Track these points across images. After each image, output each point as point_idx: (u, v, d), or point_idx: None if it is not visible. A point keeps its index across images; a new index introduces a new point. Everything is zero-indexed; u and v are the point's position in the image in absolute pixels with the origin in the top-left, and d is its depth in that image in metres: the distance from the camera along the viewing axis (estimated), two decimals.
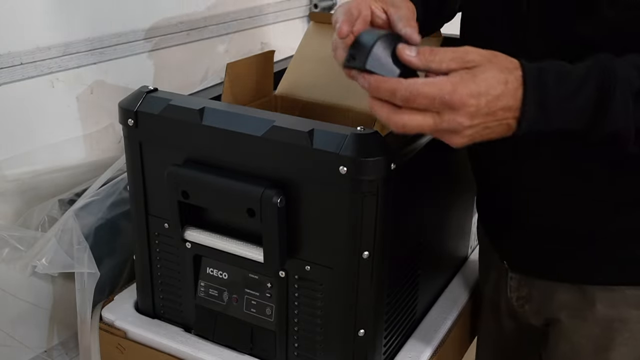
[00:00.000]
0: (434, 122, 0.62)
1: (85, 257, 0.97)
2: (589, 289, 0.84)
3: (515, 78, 0.62)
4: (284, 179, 0.79)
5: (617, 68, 0.62)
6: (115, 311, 0.99)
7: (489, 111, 0.61)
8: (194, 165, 0.84)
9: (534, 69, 0.63)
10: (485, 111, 0.61)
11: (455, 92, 0.60)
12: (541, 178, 0.82)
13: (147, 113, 0.86)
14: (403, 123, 0.62)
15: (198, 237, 0.88)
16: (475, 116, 0.61)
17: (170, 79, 1.26)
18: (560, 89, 0.62)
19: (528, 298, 0.92)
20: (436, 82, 0.61)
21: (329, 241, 0.80)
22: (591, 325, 0.84)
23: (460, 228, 1.12)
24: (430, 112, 0.61)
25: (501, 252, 0.94)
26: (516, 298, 0.94)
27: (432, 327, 0.99)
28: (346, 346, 0.84)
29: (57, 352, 1.11)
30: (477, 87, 0.60)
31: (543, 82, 0.62)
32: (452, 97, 0.60)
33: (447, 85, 0.60)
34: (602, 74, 0.62)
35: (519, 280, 0.93)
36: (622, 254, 0.81)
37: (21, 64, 1.00)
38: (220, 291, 0.91)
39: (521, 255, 0.91)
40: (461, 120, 0.61)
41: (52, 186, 1.07)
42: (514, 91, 0.62)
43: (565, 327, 0.87)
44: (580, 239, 0.82)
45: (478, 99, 0.60)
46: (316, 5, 1.61)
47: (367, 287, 0.80)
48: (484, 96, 0.61)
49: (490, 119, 0.62)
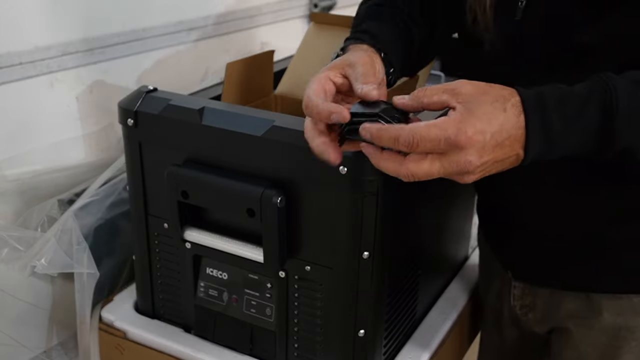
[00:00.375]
0: (442, 165, 0.60)
1: (85, 257, 0.97)
2: (595, 297, 0.83)
3: (513, 105, 0.60)
4: (284, 179, 0.79)
5: (618, 86, 0.61)
6: (114, 311, 0.99)
7: (496, 144, 0.59)
8: (193, 165, 0.84)
9: (531, 94, 0.61)
10: (492, 144, 0.59)
11: (459, 130, 0.58)
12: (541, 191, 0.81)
13: (146, 113, 0.86)
14: (411, 172, 0.61)
15: (198, 237, 0.88)
16: (483, 152, 0.59)
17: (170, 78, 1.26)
18: (562, 112, 0.61)
19: (532, 306, 0.92)
20: (438, 123, 0.59)
21: (329, 241, 0.80)
22: (598, 334, 0.84)
23: (460, 229, 1.12)
24: (437, 156, 0.60)
25: (504, 262, 0.93)
26: (520, 306, 0.94)
27: (432, 327, 0.99)
28: (346, 346, 0.84)
29: (57, 353, 1.11)
30: (479, 121, 0.59)
31: (543, 106, 0.61)
32: (457, 136, 0.58)
33: (449, 125, 0.58)
34: (603, 93, 0.61)
35: (522, 289, 0.92)
36: (628, 262, 0.81)
37: (20, 64, 1.00)
38: (220, 291, 0.91)
39: (525, 264, 0.90)
40: (470, 159, 0.59)
41: (51, 186, 1.06)
42: (516, 118, 0.60)
43: (571, 336, 0.87)
44: (585, 248, 0.82)
45: (483, 134, 0.59)
46: (316, 4, 1.61)
47: (367, 287, 0.80)
48: (488, 129, 0.59)
49: (499, 153, 0.60)
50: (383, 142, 0.61)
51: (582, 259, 0.83)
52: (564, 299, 0.86)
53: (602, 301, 0.83)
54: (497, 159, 0.60)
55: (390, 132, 0.60)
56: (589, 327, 0.85)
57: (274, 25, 1.51)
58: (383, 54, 0.77)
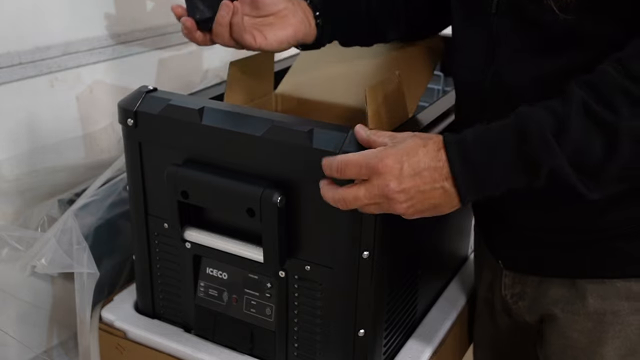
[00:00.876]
0: (366, 189, 0.67)
1: (85, 257, 0.97)
2: (581, 282, 0.85)
3: (435, 142, 0.67)
4: (284, 179, 0.79)
5: (531, 115, 0.65)
6: (114, 311, 0.99)
7: (414, 173, 0.66)
8: (193, 165, 0.84)
9: (453, 134, 0.68)
10: (409, 173, 0.66)
11: (377, 157, 0.67)
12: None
13: (146, 113, 0.86)
14: (342, 197, 0.69)
15: (198, 237, 0.88)
16: (401, 179, 0.66)
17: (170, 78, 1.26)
18: (480, 142, 0.66)
19: (521, 295, 0.93)
20: (363, 152, 0.68)
21: (329, 241, 0.80)
22: (584, 319, 0.85)
23: (460, 228, 1.12)
24: (362, 182, 0.68)
25: (494, 251, 0.94)
26: (510, 295, 0.95)
27: (432, 327, 0.99)
28: (346, 346, 0.84)
29: (57, 353, 1.11)
30: (397, 151, 0.67)
31: (462, 139, 0.67)
32: (376, 162, 0.66)
33: (371, 153, 0.68)
34: (517, 119, 0.65)
35: (512, 278, 0.93)
36: (612, 249, 0.82)
37: (20, 64, 1.00)
38: (220, 291, 0.91)
39: (513, 253, 0.91)
40: (388, 184, 0.66)
41: (51, 186, 1.06)
42: (435, 152, 0.67)
43: (558, 322, 0.88)
44: (569, 234, 0.83)
45: (400, 162, 0.66)
46: None
47: (367, 287, 0.80)
48: (405, 159, 0.66)
49: (419, 182, 0.66)
50: (325, 171, 0.70)
51: (567, 247, 0.84)
52: (551, 286, 0.88)
53: (587, 286, 0.84)
54: (419, 188, 0.67)
55: (326, 161, 0.70)
56: (574, 312, 0.86)
57: None
58: (309, 0, 0.91)
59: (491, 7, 0.78)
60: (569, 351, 0.88)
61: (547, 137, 0.63)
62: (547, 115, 0.64)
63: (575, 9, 0.70)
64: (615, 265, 0.82)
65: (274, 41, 0.88)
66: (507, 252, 0.92)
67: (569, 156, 0.63)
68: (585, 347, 0.86)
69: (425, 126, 0.89)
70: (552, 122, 0.64)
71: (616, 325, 0.83)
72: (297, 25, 0.89)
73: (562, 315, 0.87)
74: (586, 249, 0.83)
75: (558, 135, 0.63)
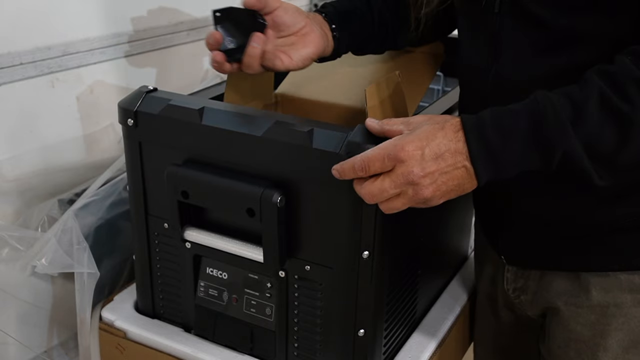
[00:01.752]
0: (391, 180, 0.67)
1: (85, 257, 0.97)
2: (584, 275, 0.85)
3: (453, 124, 0.68)
4: (284, 179, 0.79)
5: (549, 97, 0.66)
6: (115, 311, 0.99)
7: (436, 156, 0.67)
8: (193, 165, 0.84)
9: (471, 116, 0.69)
10: (431, 156, 0.67)
11: (397, 146, 0.67)
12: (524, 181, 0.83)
13: (146, 113, 0.86)
14: (369, 191, 0.69)
15: (198, 237, 0.88)
16: (424, 163, 0.67)
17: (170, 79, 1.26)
18: (497, 125, 0.67)
19: (524, 289, 0.93)
20: (381, 145, 0.69)
21: (329, 241, 0.80)
22: (587, 312, 0.86)
23: (460, 227, 1.12)
24: (387, 173, 0.68)
25: (497, 247, 0.95)
26: (512, 289, 0.95)
27: (433, 326, 0.99)
28: (346, 346, 0.84)
29: (57, 353, 1.11)
30: (416, 137, 0.67)
31: (480, 122, 0.67)
32: (397, 151, 0.67)
33: (389, 144, 0.68)
34: (533, 103, 0.67)
35: (515, 272, 0.94)
36: (616, 242, 0.82)
37: (21, 64, 1.00)
38: (220, 291, 0.91)
39: (516, 248, 0.92)
40: (412, 170, 0.66)
41: (52, 186, 1.07)
42: (453, 133, 0.67)
43: (562, 315, 0.88)
44: (571, 228, 0.83)
45: (421, 147, 0.67)
46: (316, 5, 1.61)
47: (367, 287, 0.80)
48: (425, 144, 0.67)
49: (442, 164, 0.67)
50: (347, 175, 0.70)
51: (571, 240, 0.84)
52: (554, 279, 0.88)
53: (591, 279, 0.84)
54: (442, 170, 0.67)
55: (348, 163, 0.70)
56: (578, 305, 0.86)
57: None
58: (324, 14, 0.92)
59: (494, 6, 0.78)
60: (572, 344, 0.88)
61: (563, 122, 0.65)
62: (565, 101, 0.66)
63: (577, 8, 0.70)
64: (619, 258, 0.83)
65: (299, 60, 0.88)
66: (510, 247, 0.93)
67: (583, 142, 0.65)
68: (588, 340, 0.86)
69: None
70: (569, 107, 0.65)
71: (619, 317, 0.84)
72: (318, 41, 0.89)
73: (565, 309, 0.87)
74: (590, 242, 0.83)
75: (574, 120, 0.65)
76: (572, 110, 0.65)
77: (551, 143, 0.65)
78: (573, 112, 0.65)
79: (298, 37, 0.88)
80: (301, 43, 0.88)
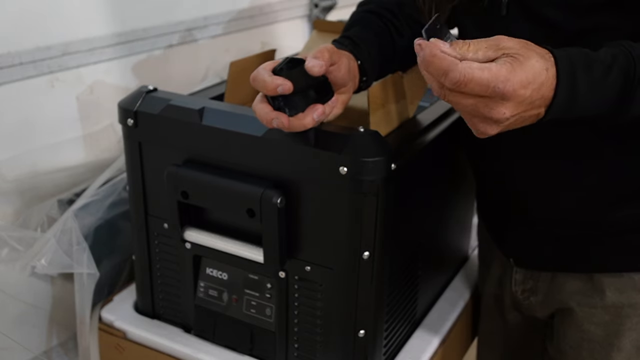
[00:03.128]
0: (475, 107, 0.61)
1: (85, 258, 0.97)
2: (598, 276, 0.85)
3: (552, 65, 0.62)
4: (284, 179, 0.79)
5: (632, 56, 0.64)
6: (114, 311, 0.99)
7: (531, 101, 0.61)
8: (193, 166, 0.84)
9: (564, 58, 0.63)
10: (528, 101, 0.61)
11: (508, 80, 0.59)
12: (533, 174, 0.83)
13: (146, 113, 0.86)
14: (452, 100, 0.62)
15: (198, 238, 0.88)
16: (520, 106, 0.61)
17: (170, 78, 1.26)
18: (589, 77, 0.63)
19: (534, 290, 0.93)
20: (491, 68, 0.59)
21: (329, 241, 0.80)
22: (601, 313, 0.86)
23: (461, 228, 1.12)
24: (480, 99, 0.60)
25: (505, 250, 0.94)
26: (521, 291, 0.95)
27: (433, 327, 0.99)
28: (346, 347, 0.84)
29: (57, 353, 1.11)
30: (526, 75, 0.60)
31: (573, 71, 0.63)
32: (505, 85, 0.59)
33: (502, 72, 0.59)
34: (626, 59, 0.64)
35: (524, 274, 0.94)
36: (629, 241, 0.82)
37: (21, 64, 1.00)
38: (220, 292, 0.91)
39: (527, 251, 0.91)
40: (506, 111, 0.60)
41: (51, 186, 1.06)
42: (552, 80, 0.62)
43: (575, 316, 0.88)
44: (588, 230, 0.84)
45: (527, 88, 0.60)
46: (316, 4, 1.61)
47: (367, 288, 0.80)
48: (531, 85, 0.60)
49: (528, 109, 0.62)
50: (431, 69, 0.60)
51: (585, 241, 0.84)
52: (567, 280, 0.88)
53: (605, 280, 0.85)
54: (523, 115, 0.62)
55: (442, 62, 0.59)
56: (592, 305, 0.86)
57: (275, 25, 1.51)
58: (359, 61, 0.83)
59: (501, 9, 0.77)
60: (585, 344, 0.88)
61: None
62: None
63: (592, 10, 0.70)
64: (633, 259, 0.83)
65: (340, 108, 0.82)
66: (520, 249, 0.92)
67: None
68: (602, 340, 0.87)
69: (426, 126, 0.89)
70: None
71: (633, 317, 0.84)
72: (352, 88, 0.84)
73: (579, 309, 0.88)
74: (604, 243, 0.83)
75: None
76: None
77: (632, 103, 0.64)
78: None
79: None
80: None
